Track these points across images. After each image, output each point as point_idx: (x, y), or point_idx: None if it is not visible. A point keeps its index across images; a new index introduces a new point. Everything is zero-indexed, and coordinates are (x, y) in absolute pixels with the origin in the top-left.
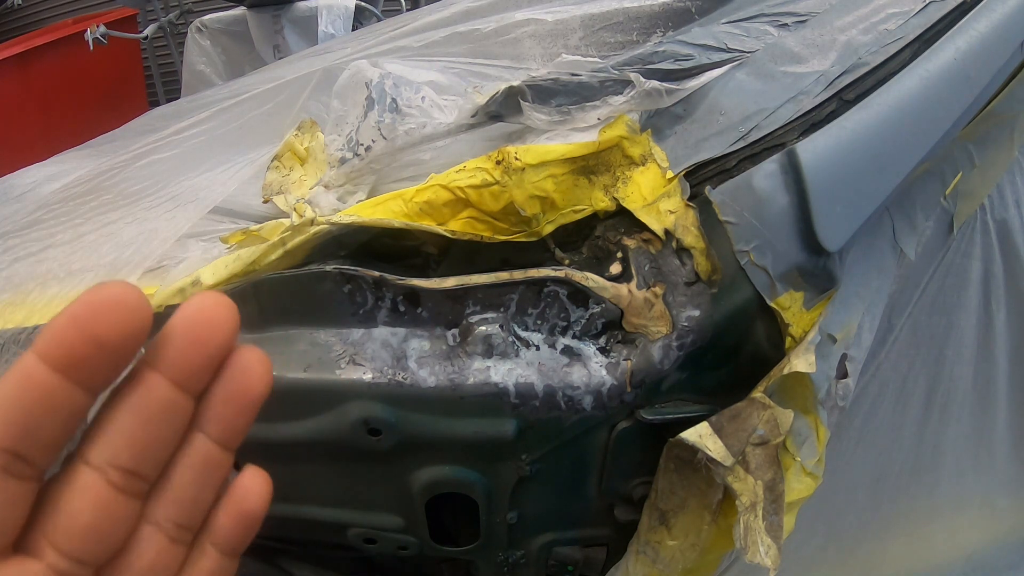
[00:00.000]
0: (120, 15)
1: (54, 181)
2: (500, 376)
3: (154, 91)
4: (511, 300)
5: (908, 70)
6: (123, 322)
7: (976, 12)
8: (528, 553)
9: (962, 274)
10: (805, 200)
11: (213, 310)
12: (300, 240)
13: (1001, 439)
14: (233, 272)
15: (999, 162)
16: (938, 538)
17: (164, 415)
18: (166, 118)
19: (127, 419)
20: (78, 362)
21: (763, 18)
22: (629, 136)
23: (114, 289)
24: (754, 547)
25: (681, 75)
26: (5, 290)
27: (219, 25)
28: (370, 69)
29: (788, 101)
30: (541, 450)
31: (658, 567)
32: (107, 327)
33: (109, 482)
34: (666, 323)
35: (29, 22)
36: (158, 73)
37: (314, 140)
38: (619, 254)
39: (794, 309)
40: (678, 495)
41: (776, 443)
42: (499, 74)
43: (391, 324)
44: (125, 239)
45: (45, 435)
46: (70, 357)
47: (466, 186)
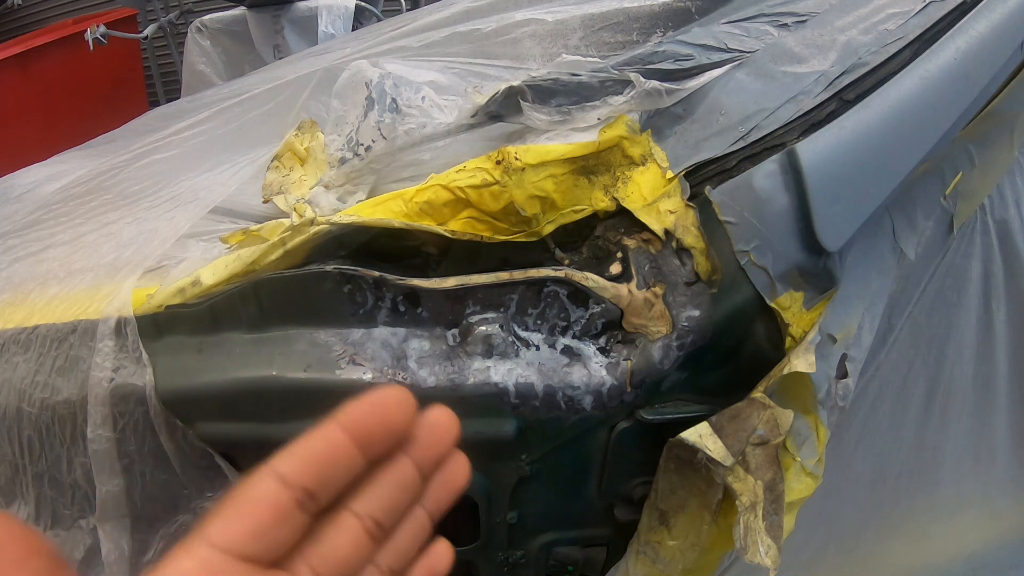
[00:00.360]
0: (120, 15)
1: (54, 181)
2: (500, 376)
3: (154, 91)
4: (511, 300)
5: (908, 70)
6: (403, 417)
7: (976, 12)
8: (528, 553)
9: (962, 274)
10: (805, 200)
11: (449, 422)
12: (300, 240)
13: (1001, 439)
14: (233, 272)
15: (999, 162)
16: (938, 538)
17: (408, 487)
18: (166, 118)
19: (387, 484)
20: (370, 439)
21: (763, 18)
22: (629, 136)
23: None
24: (754, 547)
25: (681, 75)
26: (5, 290)
27: (219, 25)
28: (370, 69)
29: (788, 101)
30: (541, 450)
31: (658, 567)
32: (393, 419)
33: (365, 528)
34: (666, 323)
35: (29, 22)
36: (158, 73)
37: (314, 140)
38: (619, 254)
39: (794, 309)
40: (678, 495)
41: (776, 443)
42: (499, 74)
43: (391, 324)
44: (125, 239)
45: (333, 485)
46: (364, 432)
47: (466, 186)
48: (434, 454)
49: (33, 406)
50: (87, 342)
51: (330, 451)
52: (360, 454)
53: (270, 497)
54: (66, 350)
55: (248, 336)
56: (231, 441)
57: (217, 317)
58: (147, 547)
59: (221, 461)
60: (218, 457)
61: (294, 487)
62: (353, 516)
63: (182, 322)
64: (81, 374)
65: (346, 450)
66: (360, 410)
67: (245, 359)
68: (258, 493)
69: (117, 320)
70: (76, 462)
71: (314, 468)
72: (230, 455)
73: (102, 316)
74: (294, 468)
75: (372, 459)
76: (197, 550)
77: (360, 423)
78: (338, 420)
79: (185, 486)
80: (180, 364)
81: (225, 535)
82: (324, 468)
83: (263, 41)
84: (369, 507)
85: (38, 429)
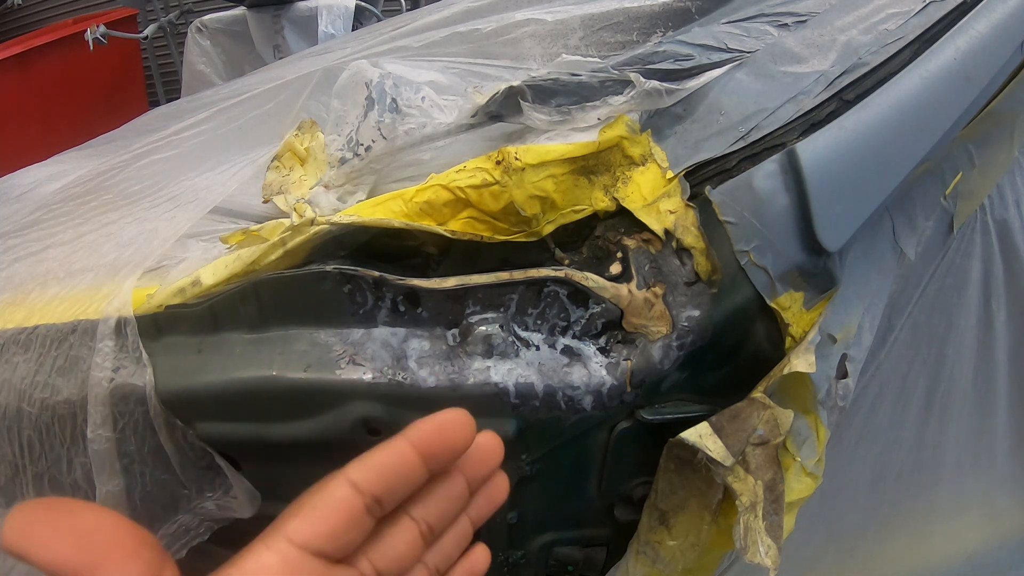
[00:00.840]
0: (120, 15)
1: (54, 181)
2: (500, 376)
3: (154, 91)
4: (511, 300)
5: (908, 70)
6: (464, 439)
7: (976, 12)
8: (528, 553)
9: (962, 274)
10: (805, 200)
11: (497, 447)
12: (300, 240)
13: (1001, 439)
14: (233, 272)
15: (999, 162)
16: (938, 538)
17: (459, 499)
18: (166, 118)
19: (442, 495)
20: (435, 455)
21: (763, 18)
22: (629, 136)
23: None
24: (754, 547)
25: (681, 75)
26: (5, 290)
27: (219, 25)
28: (370, 69)
29: (788, 101)
30: (541, 450)
31: (658, 567)
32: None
33: (420, 531)
34: (666, 323)
35: (29, 22)
36: (158, 73)
37: (314, 140)
38: (619, 254)
39: (794, 309)
40: (678, 495)
41: (776, 443)
42: (499, 74)
43: (391, 324)
44: (125, 239)
45: (398, 493)
46: (431, 449)
47: (466, 186)
48: (482, 472)
49: (33, 406)
50: (87, 342)
51: (399, 464)
52: (424, 468)
53: (345, 502)
54: (66, 350)
55: (248, 336)
56: (231, 441)
57: (217, 317)
58: None
59: (221, 461)
60: (218, 457)
61: (365, 494)
62: (411, 520)
63: (182, 322)
64: (81, 374)
65: (412, 464)
66: (428, 428)
67: (245, 359)
68: (334, 498)
69: (117, 320)
70: (76, 462)
71: (384, 478)
72: (230, 455)
73: (102, 316)
74: (367, 477)
75: (433, 472)
76: (276, 544)
77: (427, 440)
78: (408, 436)
79: (185, 486)
80: (180, 364)
81: (303, 533)
82: (393, 479)
83: (263, 41)
84: (426, 513)
85: (38, 429)
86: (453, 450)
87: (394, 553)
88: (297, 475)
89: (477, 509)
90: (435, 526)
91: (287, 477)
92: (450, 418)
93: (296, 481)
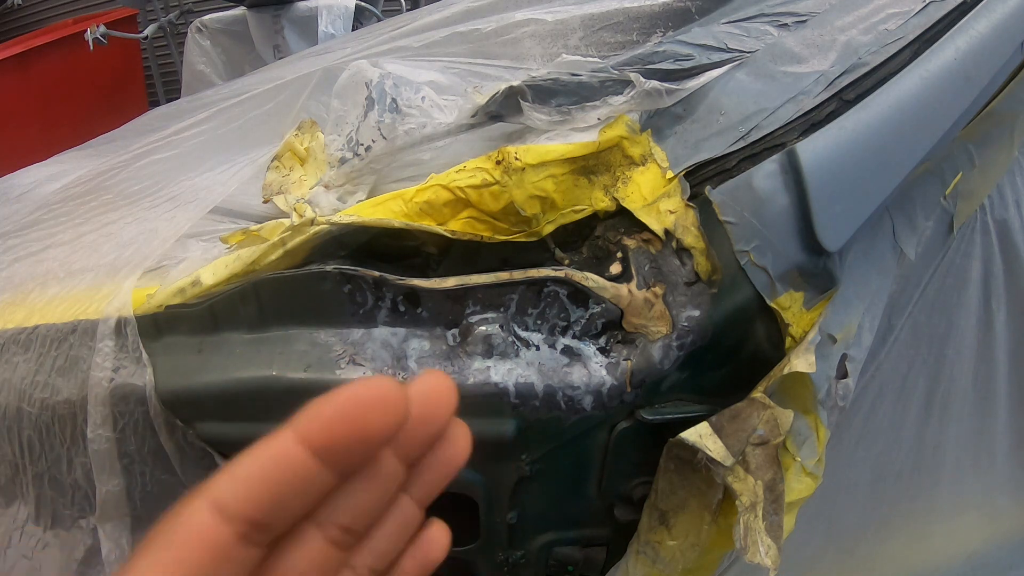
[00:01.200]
0: (120, 15)
1: (54, 181)
2: (500, 376)
3: (154, 91)
4: (511, 300)
5: (908, 70)
6: (388, 422)
7: (976, 12)
8: (528, 553)
9: (962, 274)
10: (805, 200)
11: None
12: (300, 240)
13: (1001, 439)
14: (233, 272)
15: (999, 162)
16: (938, 538)
17: (387, 484)
18: (166, 118)
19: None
20: (339, 451)
21: (763, 18)
22: (629, 136)
23: (382, 387)
24: (754, 547)
25: (681, 75)
26: (5, 290)
27: (219, 25)
28: (370, 69)
29: (788, 101)
30: (541, 450)
31: (658, 567)
32: (374, 425)
33: (329, 538)
34: (666, 323)
35: (29, 22)
36: (158, 73)
37: (314, 140)
38: (619, 254)
39: (794, 309)
40: (678, 495)
41: (776, 443)
42: (499, 74)
43: (391, 324)
44: (125, 239)
45: (291, 509)
46: (332, 446)
47: (466, 186)
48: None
49: (33, 406)
50: (87, 342)
51: (283, 473)
52: (325, 470)
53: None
54: (66, 350)
55: (248, 336)
56: (231, 441)
57: (217, 317)
58: None
59: (221, 461)
60: (218, 457)
61: (235, 520)
62: (314, 527)
63: (182, 322)
64: (81, 374)
65: (304, 469)
66: (325, 414)
67: (245, 359)
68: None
69: (117, 320)
70: (76, 462)
71: (263, 495)
72: (230, 455)
73: (102, 316)
74: (236, 496)
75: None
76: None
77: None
78: (295, 428)
79: (185, 486)
80: (180, 364)
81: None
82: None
83: (263, 41)
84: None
85: (38, 429)
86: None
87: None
88: None
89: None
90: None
91: None
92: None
93: None
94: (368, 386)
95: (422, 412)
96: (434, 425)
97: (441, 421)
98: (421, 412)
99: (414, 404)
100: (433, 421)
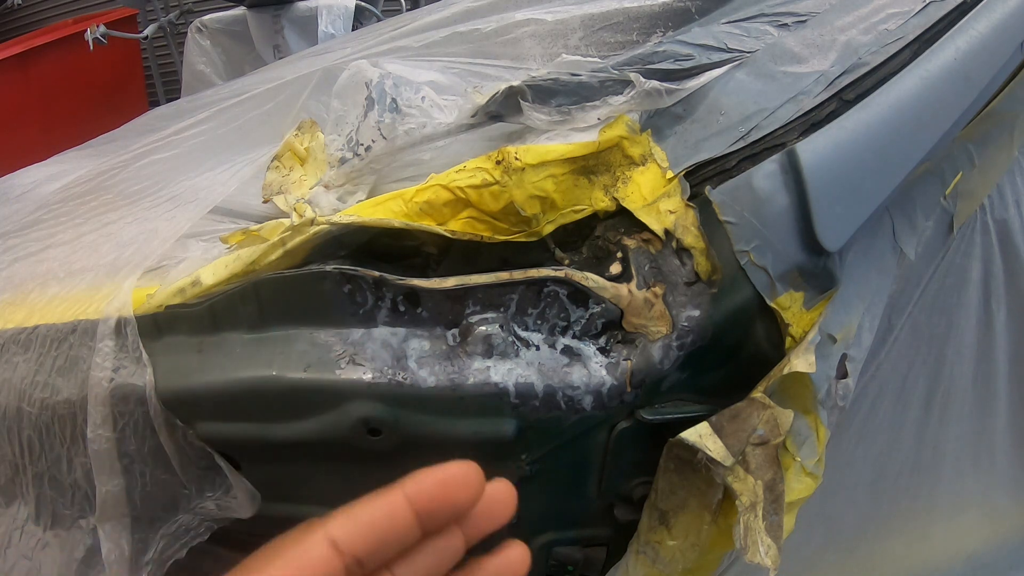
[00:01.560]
0: (120, 15)
1: (54, 181)
2: (500, 376)
3: (154, 91)
4: (511, 300)
5: (908, 70)
6: (472, 498)
7: (976, 12)
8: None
9: (962, 274)
10: (805, 200)
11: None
12: (300, 240)
13: (1001, 439)
14: (233, 272)
15: (999, 162)
16: (938, 538)
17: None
18: (166, 118)
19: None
20: (433, 515)
21: (763, 18)
22: (629, 136)
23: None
24: (754, 547)
25: (681, 75)
26: (5, 290)
27: (219, 25)
28: (370, 69)
29: (788, 101)
30: (541, 450)
31: (658, 567)
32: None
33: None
34: (666, 323)
35: (29, 22)
36: (158, 73)
37: (314, 140)
38: (619, 254)
39: (794, 309)
40: (678, 495)
41: (776, 443)
42: (499, 74)
43: (391, 324)
44: (125, 239)
45: (385, 554)
46: (431, 510)
47: (466, 186)
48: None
49: (33, 406)
50: (87, 342)
51: (390, 522)
52: (418, 528)
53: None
54: (66, 350)
55: (248, 336)
56: (231, 441)
57: (217, 317)
58: (147, 547)
59: (221, 461)
60: (218, 457)
61: (346, 555)
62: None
63: (182, 322)
64: (81, 374)
65: (406, 522)
66: (430, 483)
67: (245, 359)
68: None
69: (117, 320)
70: (76, 462)
71: (370, 538)
72: (230, 455)
73: (102, 316)
74: (350, 535)
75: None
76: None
77: (427, 498)
78: (405, 489)
79: (185, 486)
80: (180, 364)
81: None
82: (380, 538)
83: (263, 41)
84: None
85: (38, 429)
86: (455, 510)
87: None
88: (297, 475)
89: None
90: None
91: (287, 477)
92: (456, 473)
93: (296, 481)
94: (462, 467)
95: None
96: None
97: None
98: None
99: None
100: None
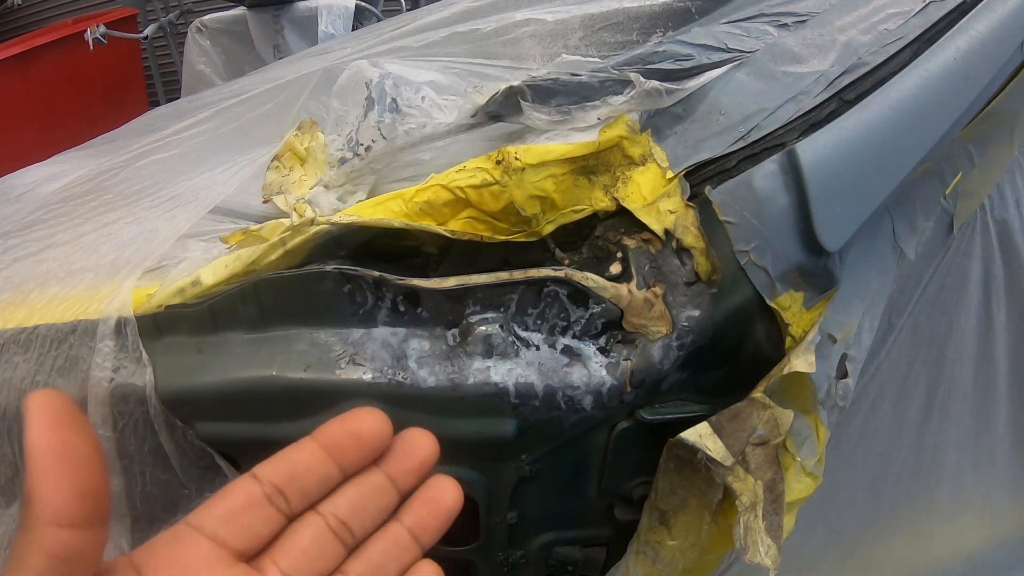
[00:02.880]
0: (120, 15)
1: (54, 181)
2: (500, 376)
3: (154, 91)
4: (511, 300)
5: (908, 70)
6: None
7: (976, 12)
8: (528, 553)
9: (962, 274)
10: (805, 200)
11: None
12: (300, 240)
13: (1001, 439)
14: (233, 272)
15: (999, 162)
16: (938, 538)
17: (376, 492)
18: (166, 118)
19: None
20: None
21: (763, 18)
22: (629, 136)
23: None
24: (754, 547)
25: (681, 75)
26: (5, 290)
27: (219, 25)
28: (370, 69)
29: (788, 101)
30: (541, 450)
31: (658, 567)
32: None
33: (328, 524)
34: (666, 323)
35: (29, 22)
36: (158, 73)
37: (314, 140)
38: (619, 254)
39: (794, 309)
40: (678, 495)
41: (776, 443)
42: (499, 74)
43: (391, 324)
44: (125, 239)
45: (302, 486)
46: (335, 442)
47: (466, 186)
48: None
49: None
50: (87, 342)
51: (299, 454)
52: (330, 461)
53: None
54: (66, 350)
55: (248, 336)
56: (231, 441)
57: (217, 317)
58: None
59: (221, 461)
60: (218, 457)
61: (264, 482)
62: (316, 514)
63: (182, 322)
64: (81, 374)
65: (316, 457)
66: (334, 423)
67: (245, 359)
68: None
69: (117, 320)
70: None
71: (284, 469)
72: (230, 455)
73: (102, 316)
74: (266, 468)
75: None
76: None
77: (329, 433)
78: (313, 435)
79: (185, 486)
80: (180, 364)
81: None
82: (293, 469)
83: (263, 41)
84: (333, 507)
85: None
86: (358, 440)
87: (298, 547)
88: None
89: (417, 518)
90: (348, 521)
91: None
92: (357, 413)
93: None
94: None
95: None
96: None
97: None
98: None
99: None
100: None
